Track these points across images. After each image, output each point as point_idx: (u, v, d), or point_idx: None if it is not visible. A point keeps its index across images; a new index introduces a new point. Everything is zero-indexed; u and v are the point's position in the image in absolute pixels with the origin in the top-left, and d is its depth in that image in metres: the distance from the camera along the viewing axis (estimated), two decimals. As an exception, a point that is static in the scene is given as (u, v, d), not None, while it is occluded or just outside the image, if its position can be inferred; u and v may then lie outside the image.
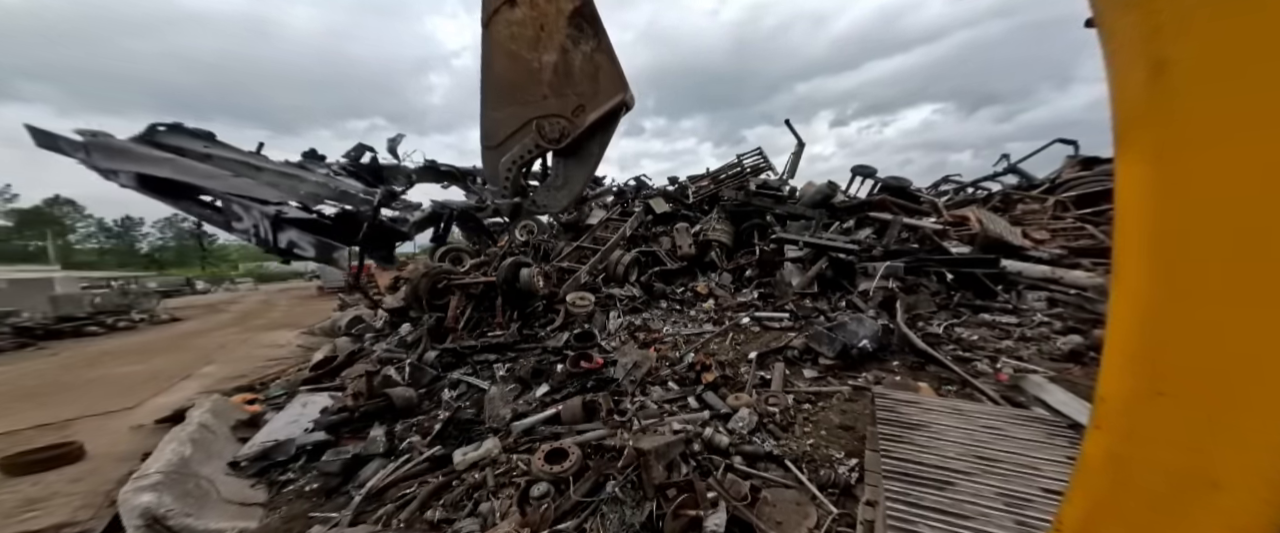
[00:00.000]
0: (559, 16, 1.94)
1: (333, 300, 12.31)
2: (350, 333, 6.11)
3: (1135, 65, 0.72)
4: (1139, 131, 0.72)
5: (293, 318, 12.15)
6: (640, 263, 6.13)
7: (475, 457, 2.60)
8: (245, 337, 9.90)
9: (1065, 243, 6.03)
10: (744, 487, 2.05)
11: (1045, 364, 3.08)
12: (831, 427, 2.52)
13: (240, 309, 16.70)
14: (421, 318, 5.11)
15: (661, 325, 4.46)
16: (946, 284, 4.59)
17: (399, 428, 3.23)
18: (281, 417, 3.66)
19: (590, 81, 2.00)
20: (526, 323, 4.94)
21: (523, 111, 1.98)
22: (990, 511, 1.21)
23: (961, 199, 9.03)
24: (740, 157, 8.38)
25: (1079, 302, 4.38)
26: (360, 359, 4.85)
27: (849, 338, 3.21)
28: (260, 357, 7.10)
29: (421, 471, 2.68)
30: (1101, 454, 0.79)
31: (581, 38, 2.03)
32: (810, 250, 5.09)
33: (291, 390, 4.38)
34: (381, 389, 3.61)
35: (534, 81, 1.98)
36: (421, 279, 5.19)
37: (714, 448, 2.37)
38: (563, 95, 2.04)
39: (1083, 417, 2.24)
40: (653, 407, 2.93)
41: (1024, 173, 9.67)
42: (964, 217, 6.11)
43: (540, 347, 4.29)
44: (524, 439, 2.79)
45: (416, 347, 4.65)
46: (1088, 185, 7.68)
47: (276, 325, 11.21)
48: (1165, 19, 0.67)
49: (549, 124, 1.90)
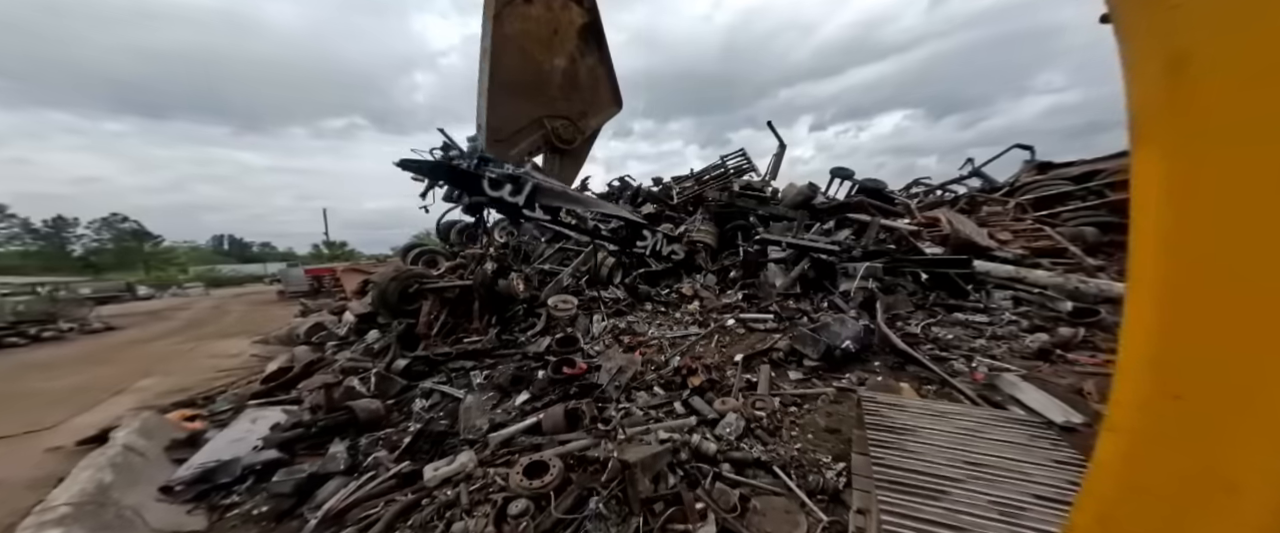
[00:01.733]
0: (571, 26, 2.17)
1: (294, 306, 11.56)
2: (310, 341, 5.68)
3: (1152, 60, 0.69)
4: (1156, 127, 0.70)
5: (248, 325, 11.32)
6: (624, 264, 6.04)
7: (448, 472, 2.43)
8: (191, 346, 9.12)
9: (1026, 244, 6.38)
10: (733, 497, 1.99)
11: (1016, 362, 3.20)
12: (818, 430, 2.51)
13: (188, 316, 15.44)
14: (390, 324, 4.83)
15: (647, 328, 4.39)
16: (922, 284, 4.74)
17: (363, 442, 3.00)
18: (226, 434, 3.34)
19: (593, 91, 2.25)
20: (506, 328, 4.76)
21: (533, 109, 2.14)
22: (986, 521, 1.20)
23: (931, 201, 9.44)
24: (724, 158, 8.46)
25: (1041, 300, 4.62)
26: (321, 369, 4.52)
27: (832, 339, 3.23)
28: (207, 368, 6.50)
29: (388, 488, 2.48)
30: (1116, 457, 0.77)
31: (587, 50, 2.28)
32: (793, 251, 5.16)
33: (239, 405, 4.01)
34: (343, 402, 3.35)
35: (545, 82, 2.15)
36: (389, 283, 4.89)
37: (702, 456, 2.30)
38: (570, 100, 2.26)
39: (1056, 415, 2.33)
40: (638, 413, 2.84)
41: (987, 176, 10.23)
42: (935, 218, 6.36)
43: (520, 352, 4.13)
44: (502, 451, 2.64)
45: (385, 355, 4.38)
46: (1043, 189, 8.20)
47: (228, 333, 10.40)
48: (1184, 13, 0.65)
49: (561, 126, 2.15)
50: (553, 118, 6.37)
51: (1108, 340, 3.60)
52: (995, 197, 8.72)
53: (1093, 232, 6.63)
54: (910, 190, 10.72)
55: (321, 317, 6.77)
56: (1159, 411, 0.73)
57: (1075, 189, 7.86)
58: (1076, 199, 7.68)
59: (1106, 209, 7.15)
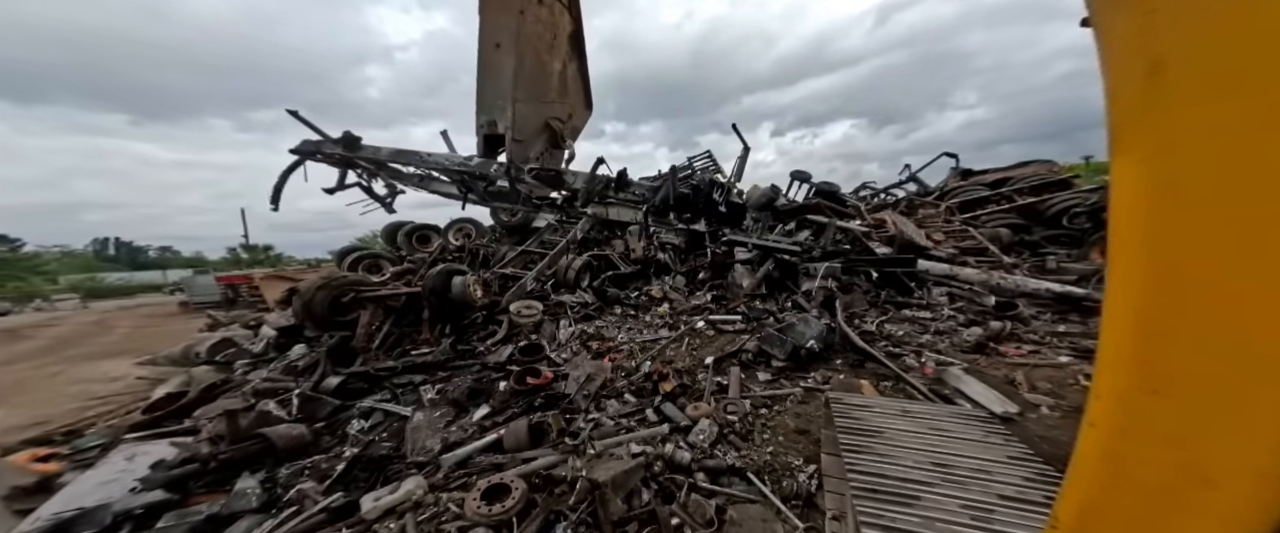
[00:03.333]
0: (563, 32, 2.41)
1: (199, 319, 10.01)
2: (214, 361, 4.89)
3: (1131, 65, 0.70)
4: (1134, 131, 0.72)
5: (137, 343, 9.64)
6: (592, 267, 5.88)
7: (392, 501, 2.14)
8: (56, 370, 7.58)
9: (955, 243, 7.07)
10: (710, 509, 1.92)
11: (958, 356, 3.48)
12: (788, 432, 2.53)
13: (56, 334, 12.88)
14: (319, 338, 4.29)
15: (616, 333, 4.26)
16: (873, 282, 5.06)
17: (283, 474, 2.59)
18: (92, 476, 2.76)
19: (577, 95, 2.46)
20: (462, 337, 4.41)
21: (542, 109, 2.38)
22: (959, 527, 1.23)
23: (876, 204, 10.24)
24: (691, 159, 8.57)
25: (970, 296, 5.11)
26: (227, 393, 3.88)
27: (797, 339, 3.31)
28: (74, 395, 5.38)
29: (315, 525, 2.14)
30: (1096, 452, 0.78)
31: (573, 56, 2.49)
32: (758, 252, 5.29)
33: (113, 440, 3.33)
34: (254, 429, 2.89)
35: (548, 85, 2.38)
36: (315, 292, 4.30)
37: (676, 466, 2.22)
38: (564, 102, 2.47)
39: (996, 406, 2.53)
40: (609, 424, 2.72)
41: (921, 181, 11.31)
42: (882, 220, 6.86)
43: (479, 363, 3.83)
44: (457, 474, 2.39)
45: (311, 373, 3.87)
46: (966, 194, 9.19)
47: (109, 353, 8.77)
48: (1161, 17, 0.67)
49: (562, 128, 2.34)
50: (554, 119, 6.29)
51: (1027, 332, 4.04)
52: (929, 200, 9.64)
53: (1007, 233, 7.52)
54: (859, 193, 11.58)
55: (232, 331, 5.89)
56: (1137, 406, 0.74)
57: (990, 194, 8.91)
58: (992, 203, 8.70)
59: (1016, 213, 8.17)
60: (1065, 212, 7.47)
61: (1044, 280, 5.19)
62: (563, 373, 3.33)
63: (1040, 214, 7.85)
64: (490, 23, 6.19)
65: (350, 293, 4.41)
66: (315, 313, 4.28)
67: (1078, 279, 5.33)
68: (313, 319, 4.31)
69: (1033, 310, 4.64)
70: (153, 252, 74.85)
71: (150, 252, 75.09)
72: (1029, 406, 2.69)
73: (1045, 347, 3.71)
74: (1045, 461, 1.65)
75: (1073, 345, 3.67)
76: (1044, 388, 2.92)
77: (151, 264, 58.91)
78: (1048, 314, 4.61)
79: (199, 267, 29.01)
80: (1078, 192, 7.86)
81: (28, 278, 36.41)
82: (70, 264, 47.29)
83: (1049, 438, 2.23)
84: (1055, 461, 1.65)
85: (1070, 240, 7.31)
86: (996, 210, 8.38)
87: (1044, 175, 8.74)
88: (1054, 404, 2.69)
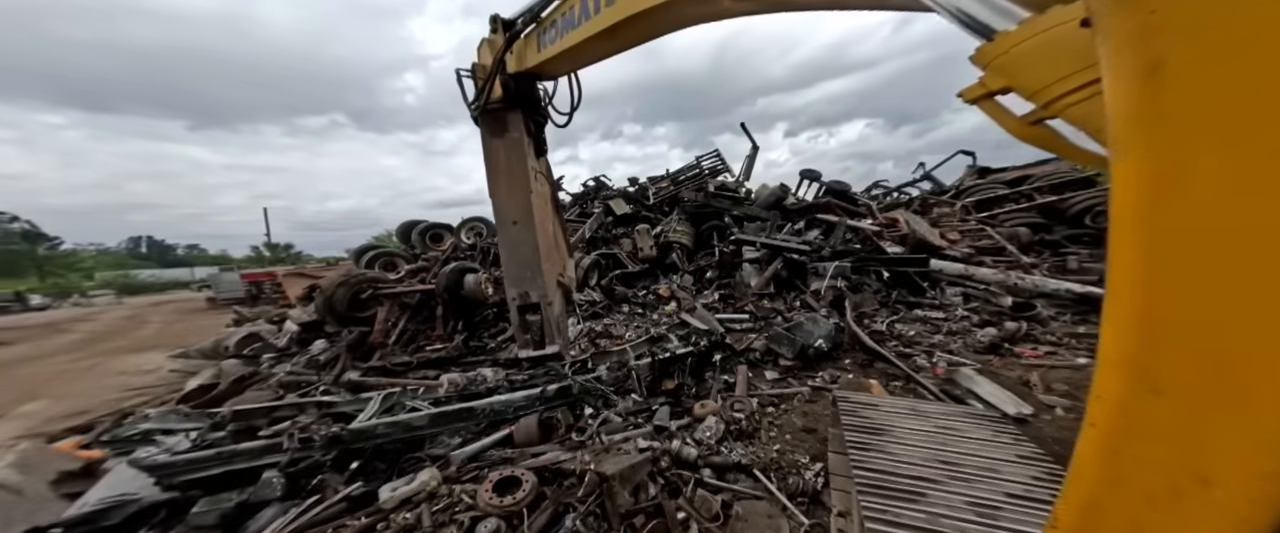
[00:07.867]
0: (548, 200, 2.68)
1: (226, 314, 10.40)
2: (241, 354, 5.10)
3: (1131, 66, 0.71)
4: (1135, 132, 0.72)
5: (168, 337, 10.06)
6: (600, 266, 5.93)
7: (408, 492, 2.23)
8: (93, 362, 7.95)
9: (971, 243, 6.90)
10: (715, 504, 1.95)
11: (971, 357, 3.42)
12: (795, 430, 2.53)
13: (92, 328, 13.53)
14: (339, 334, 4.44)
15: (624, 331, 4.31)
16: (884, 282, 4.99)
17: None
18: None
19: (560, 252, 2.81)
20: (474, 334, 4.51)
21: (551, 270, 2.57)
22: (965, 523, 1.23)
23: (889, 203, 10.05)
24: (699, 158, 8.53)
25: (986, 296, 5.00)
26: (253, 385, 4.06)
27: (806, 338, 3.30)
28: (112, 387, 5.65)
29: (336, 513, 2.24)
30: (1096, 451, 0.79)
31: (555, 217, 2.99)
32: (766, 251, 5.27)
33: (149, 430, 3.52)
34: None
35: (549, 247, 2.57)
36: (336, 289, 4.48)
37: (682, 462, 2.26)
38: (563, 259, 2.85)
39: (1009, 407, 2.49)
40: (616, 420, 2.76)
41: (936, 180, 11.04)
42: (894, 219, 6.75)
43: (490, 359, 3.92)
44: (469, 467, 2.47)
45: (332, 367, 4.01)
46: (983, 192, 8.95)
47: (143, 347, 9.18)
48: (1161, 19, 0.67)
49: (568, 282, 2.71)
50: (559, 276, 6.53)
51: (1045, 333, 3.95)
52: (944, 199, 9.41)
53: (1026, 232, 7.30)
54: (871, 192, 11.37)
55: (257, 326, 6.13)
56: (1138, 405, 0.74)
57: (1009, 192, 8.66)
58: (1010, 201, 8.46)
59: (1036, 211, 7.93)
60: (1088, 210, 7.22)
61: (1065, 281, 5.04)
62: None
63: (1061, 213, 7.60)
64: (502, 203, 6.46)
65: (368, 290, 4.55)
66: (336, 309, 4.43)
67: (1100, 280, 5.17)
68: (334, 315, 4.47)
69: (1052, 311, 4.52)
70: (180, 249, 77.78)
71: (179, 249, 78.06)
72: (1044, 407, 2.64)
73: (1063, 348, 3.62)
74: (1056, 461, 1.63)
75: (1092, 347, 3.57)
76: (1060, 389, 2.86)
77: (180, 261, 61.29)
78: (1067, 315, 4.48)
79: (224, 264, 30.07)
80: (1101, 189, 7.60)
81: (66, 275, 38.38)
82: (105, 261, 49.53)
83: (1062, 440, 2.19)
84: (1066, 461, 1.61)
85: (1093, 240, 7.07)
86: (1015, 209, 8.15)
87: (1065, 173, 8.46)
88: (1070, 406, 2.64)
